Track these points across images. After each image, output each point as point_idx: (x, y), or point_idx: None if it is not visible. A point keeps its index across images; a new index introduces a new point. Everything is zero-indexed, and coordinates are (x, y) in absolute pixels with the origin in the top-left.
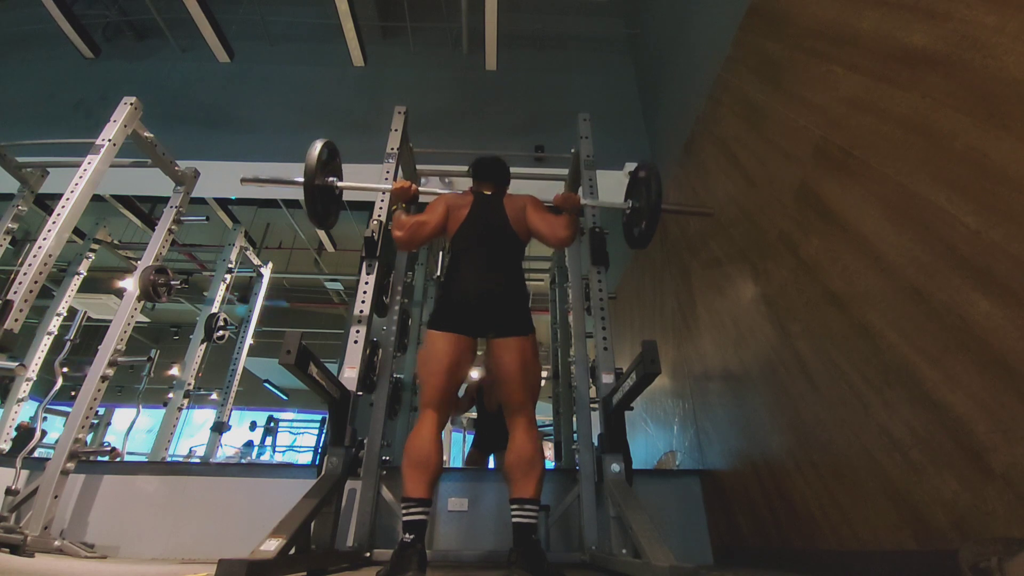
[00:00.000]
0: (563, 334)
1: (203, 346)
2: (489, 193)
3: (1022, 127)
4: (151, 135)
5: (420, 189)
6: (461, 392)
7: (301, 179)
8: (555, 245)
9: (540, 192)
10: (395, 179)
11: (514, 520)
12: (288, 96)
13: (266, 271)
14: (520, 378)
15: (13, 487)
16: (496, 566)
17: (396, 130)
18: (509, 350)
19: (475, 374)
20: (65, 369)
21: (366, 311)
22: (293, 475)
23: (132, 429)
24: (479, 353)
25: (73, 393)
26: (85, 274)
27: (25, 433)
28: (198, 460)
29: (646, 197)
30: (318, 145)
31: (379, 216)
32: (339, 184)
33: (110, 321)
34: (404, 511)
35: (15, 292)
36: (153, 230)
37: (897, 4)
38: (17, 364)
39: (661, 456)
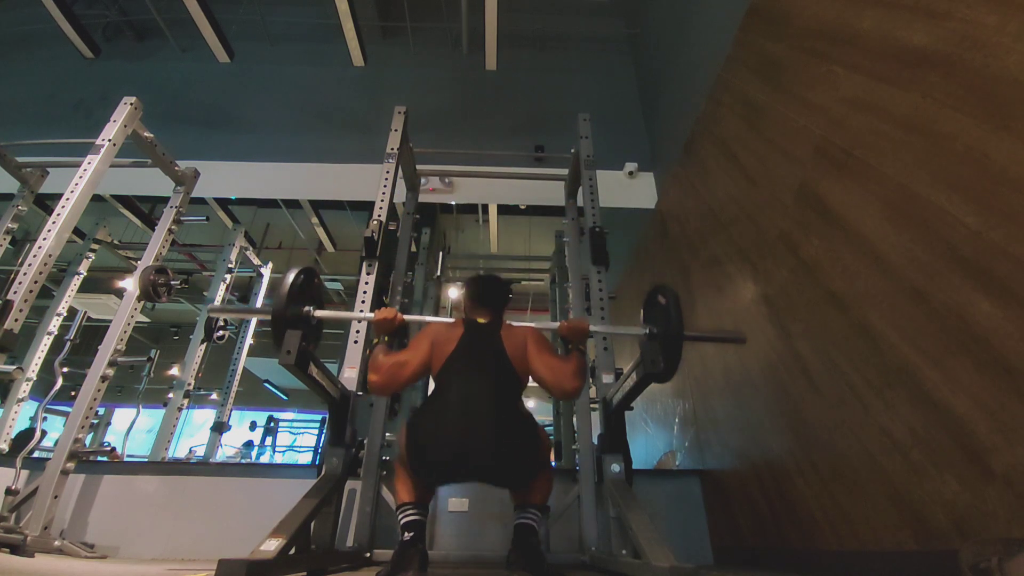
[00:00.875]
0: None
1: (203, 346)
2: (484, 322)
3: (1022, 127)
4: (151, 135)
5: (407, 318)
6: None
7: (269, 309)
8: (560, 398)
9: (540, 192)
10: (395, 180)
11: (516, 522)
12: (288, 96)
13: (266, 271)
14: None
15: (13, 487)
16: (496, 566)
17: (396, 130)
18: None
19: None
20: (65, 369)
21: (366, 311)
22: (293, 475)
23: (132, 429)
24: None
25: (73, 393)
26: (85, 274)
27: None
28: (198, 460)
29: (666, 325)
30: (291, 274)
31: (379, 216)
32: (317, 314)
33: (110, 321)
34: (401, 515)
35: (15, 292)
36: (153, 230)
37: (897, 4)
38: (15, 367)
39: (661, 456)
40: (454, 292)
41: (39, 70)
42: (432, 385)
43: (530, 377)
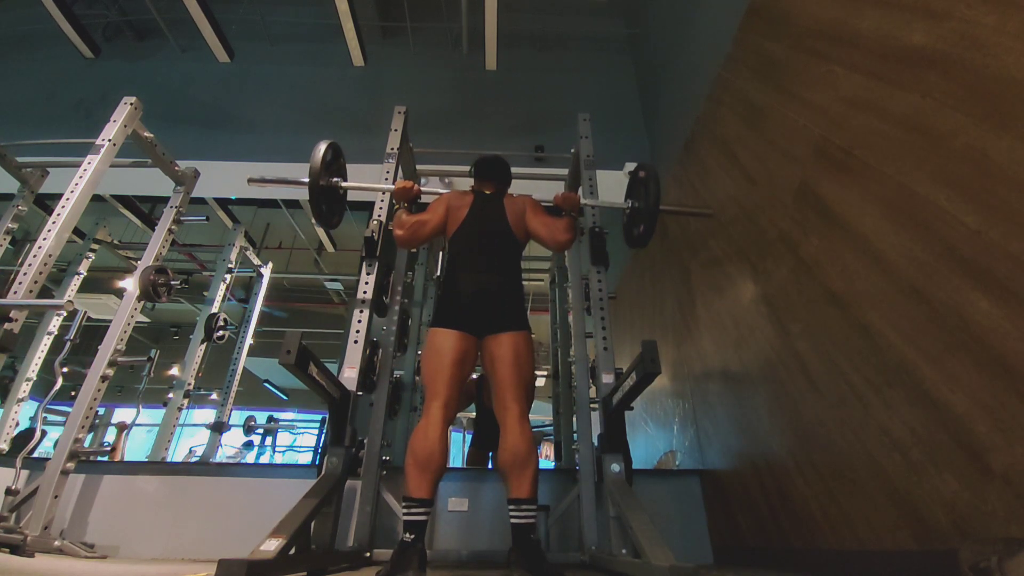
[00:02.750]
0: (563, 334)
1: (203, 346)
2: (489, 192)
3: (1022, 127)
4: (151, 135)
5: (422, 189)
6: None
7: (306, 179)
8: (554, 248)
9: (540, 192)
10: (395, 179)
11: (512, 521)
12: (288, 96)
13: (266, 271)
14: (512, 372)
15: (13, 487)
16: (496, 566)
17: (396, 130)
18: (501, 345)
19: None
20: (65, 369)
21: (366, 311)
22: (293, 475)
23: (132, 429)
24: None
25: (73, 393)
26: (85, 274)
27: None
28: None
29: (645, 197)
30: (322, 146)
31: (379, 216)
32: (343, 184)
33: (110, 321)
34: (405, 511)
35: (15, 292)
36: (153, 230)
37: (897, 4)
38: (65, 300)
39: (661, 456)
40: None
41: (39, 70)
42: (449, 252)
43: (528, 236)
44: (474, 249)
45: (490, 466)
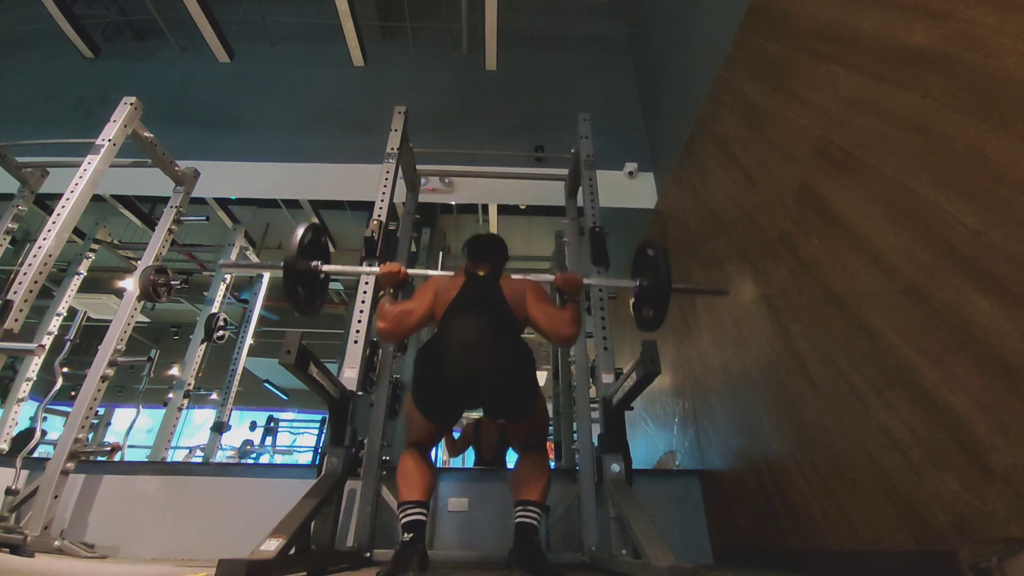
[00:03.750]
0: None
1: (203, 346)
2: (484, 274)
3: (1022, 127)
4: (151, 135)
5: (411, 271)
6: (457, 434)
7: (281, 264)
8: (557, 344)
9: (540, 192)
10: (395, 180)
11: (516, 520)
12: (288, 96)
13: (266, 271)
14: (529, 438)
15: (13, 487)
16: (496, 566)
17: (396, 130)
18: (514, 427)
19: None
20: (65, 369)
21: (366, 311)
22: (293, 475)
23: (132, 429)
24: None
25: (73, 393)
26: (85, 274)
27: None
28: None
29: (655, 277)
30: (300, 230)
31: (379, 216)
32: (324, 268)
33: (110, 321)
34: (401, 514)
35: (15, 292)
36: (153, 230)
37: (897, 4)
38: (36, 345)
39: (661, 456)
40: None
41: (39, 70)
42: (436, 329)
43: (528, 325)
44: (466, 319)
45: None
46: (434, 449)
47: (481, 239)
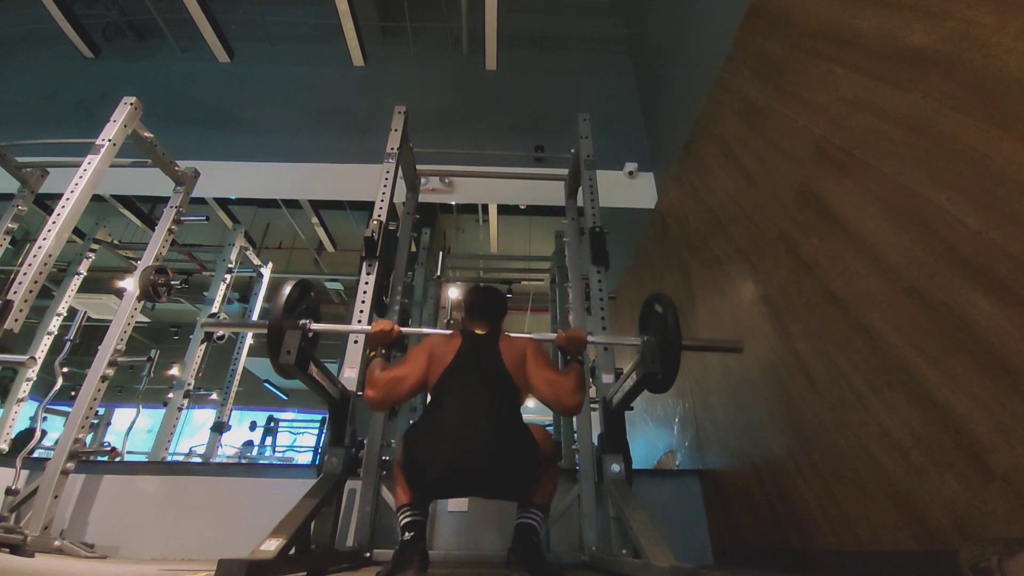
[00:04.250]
0: None
1: (203, 346)
2: (482, 333)
3: (1022, 127)
4: (151, 135)
5: (405, 330)
6: None
7: (265, 323)
8: (559, 413)
9: (540, 192)
10: (395, 180)
11: (517, 521)
12: (288, 96)
13: (266, 271)
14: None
15: (13, 487)
16: (496, 566)
17: (396, 130)
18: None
19: None
20: (65, 369)
21: (366, 311)
22: (293, 475)
23: (132, 429)
24: None
25: (73, 393)
26: (85, 274)
27: (25, 434)
28: (199, 459)
29: (663, 334)
30: (287, 289)
31: (379, 216)
32: (313, 327)
33: (110, 321)
34: (401, 516)
35: (15, 292)
36: (153, 230)
37: (897, 4)
38: (28, 357)
39: (661, 456)
40: (454, 292)
41: (39, 70)
42: (429, 398)
43: (529, 389)
44: (461, 394)
45: None
46: None
47: (479, 294)
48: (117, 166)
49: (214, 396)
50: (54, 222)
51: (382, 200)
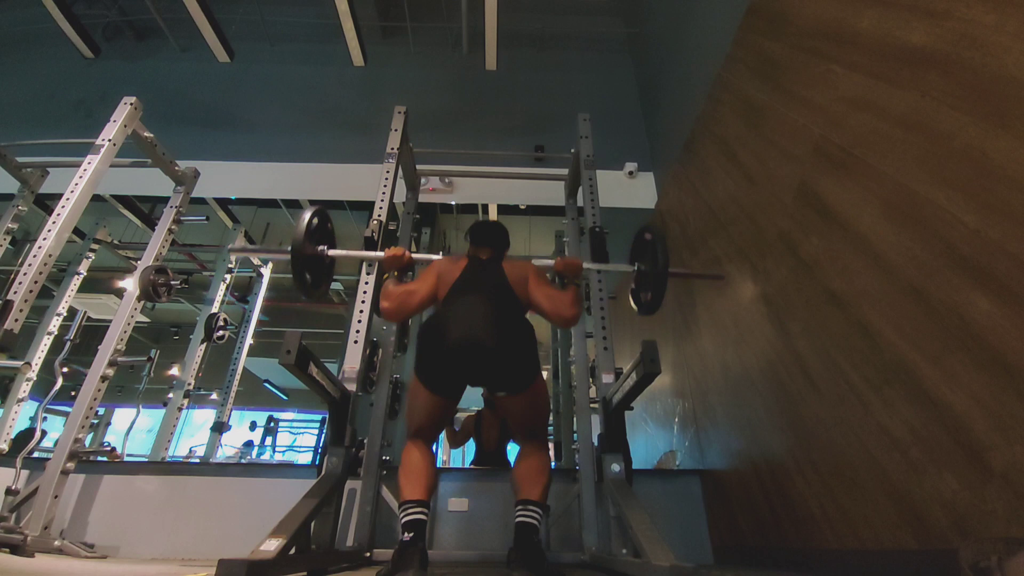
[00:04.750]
0: (563, 334)
1: (203, 346)
2: (486, 258)
3: (1022, 126)
4: (151, 135)
5: (415, 256)
6: (457, 426)
7: (288, 249)
8: (558, 325)
9: (540, 192)
10: (395, 179)
11: (517, 519)
12: (288, 96)
13: (266, 271)
14: (528, 420)
15: (13, 487)
16: (496, 566)
17: (396, 130)
18: (514, 403)
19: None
20: (65, 369)
21: (366, 311)
22: (293, 475)
23: (132, 429)
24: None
25: (73, 393)
26: (85, 274)
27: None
28: (198, 460)
29: (652, 262)
30: (307, 215)
31: (379, 216)
32: (330, 253)
33: (110, 321)
34: (403, 513)
35: (15, 292)
36: (153, 230)
37: (896, 3)
38: (23, 363)
39: (661, 456)
40: None
41: (39, 70)
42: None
43: (530, 306)
44: (468, 297)
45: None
46: (435, 445)
47: (483, 225)
48: (117, 166)
49: (214, 396)
50: (54, 222)
51: (382, 200)
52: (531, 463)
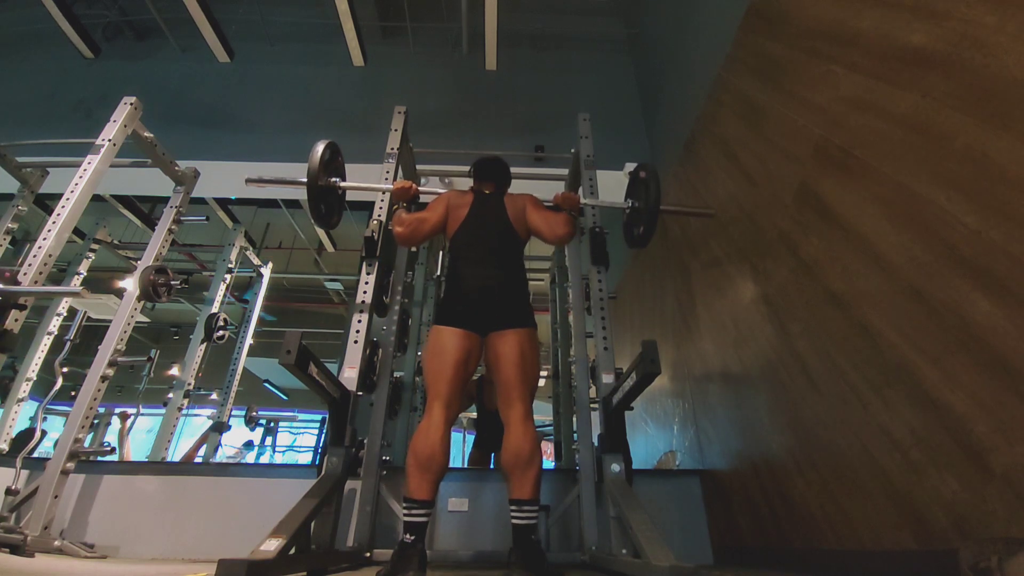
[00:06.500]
0: (563, 334)
1: (203, 346)
2: (489, 192)
3: (1022, 127)
4: (151, 135)
5: (420, 189)
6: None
7: (304, 179)
8: (554, 242)
9: (540, 192)
10: (395, 179)
11: (513, 521)
12: (288, 96)
13: (266, 271)
14: (517, 369)
15: (13, 487)
16: (496, 566)
17: (396, 130)
18: (507, 342)
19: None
20: (65, 369)
21: (366, 311)
22: (293, 475)
23: (131, 429)
24: None
25: (73, 393)
26: (85, 274)
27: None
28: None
29: (645, 198)
30: (320, 146)
31: (379, 216)
32: (342, 184)
33: (110, 321)
34: (406, 512)
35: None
36: (153, 230)
37: (897, 3)
38: (81, 288)
39: (661, 456)
40: None
41: (39, 70)
42: (450, 247)
43: (529, 233)
44: (476, 246)
45: (492, 466)
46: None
47: (487, 161)
48: (117, 166)
49: (214, 396)
50: (54, 222)
51: (382, 200)
52: (519, 447)
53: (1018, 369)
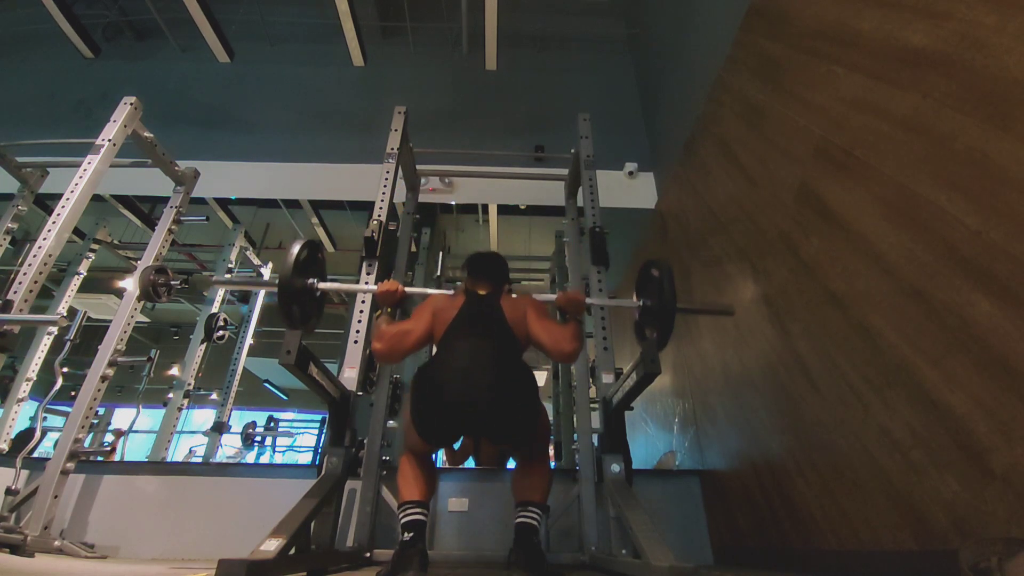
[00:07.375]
0: None
1: (203, 346)
2: (484, 293)
3: (1023, 127)
4: (151, 135)
5: (408, 289)
6: (457, 445)
7: (276, 282)
8: (558, 360)
9: (540, 192)
10: (395, 180)
11: (517, 520)
12: (288, 96)
13: (266, 271)
14: (531, 454)
15: (13, 487)
16: (496, 566)
17: (396, 130)
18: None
19: None
20: (65, 369)
21: (366, 311)
22: (293, 475)
23: (132, 429)
24: None
25: (73, 393)
26: (85, 274)
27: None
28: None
29: (659, 297)
30: (296, 247)
31: (379, 216)
32: (320, 286)
33: (110, 321)
34: (402, 514)
35: (15, 292)
36: (153, 230)
37: (897, 4)
38: (59, 316)
39: (661, 456)
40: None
41: (39, 70)
42: (435, 349)
43: (530, 343)
44: (465, 341)
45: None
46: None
47: (481, 257)
48: (117, 166)
49: (214, 396)
50: (54, 222)
51: (382, 200)
52: (533, 468)
53: (1018, 370)
